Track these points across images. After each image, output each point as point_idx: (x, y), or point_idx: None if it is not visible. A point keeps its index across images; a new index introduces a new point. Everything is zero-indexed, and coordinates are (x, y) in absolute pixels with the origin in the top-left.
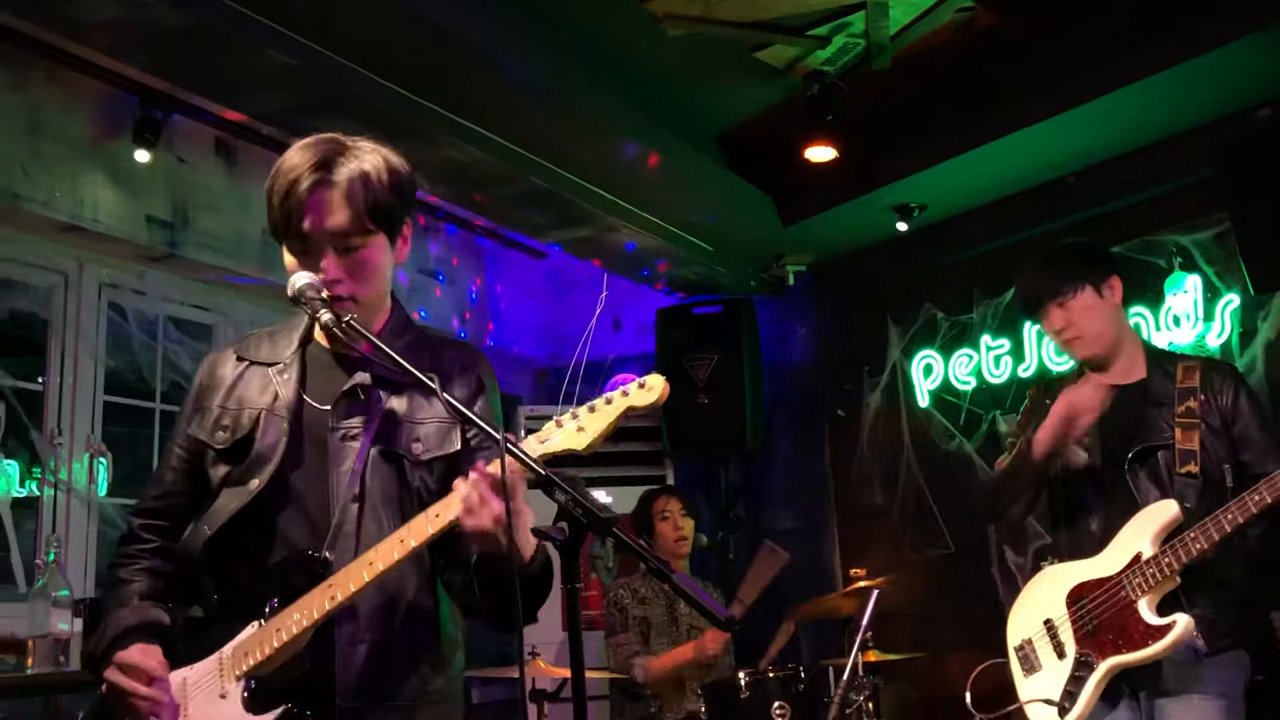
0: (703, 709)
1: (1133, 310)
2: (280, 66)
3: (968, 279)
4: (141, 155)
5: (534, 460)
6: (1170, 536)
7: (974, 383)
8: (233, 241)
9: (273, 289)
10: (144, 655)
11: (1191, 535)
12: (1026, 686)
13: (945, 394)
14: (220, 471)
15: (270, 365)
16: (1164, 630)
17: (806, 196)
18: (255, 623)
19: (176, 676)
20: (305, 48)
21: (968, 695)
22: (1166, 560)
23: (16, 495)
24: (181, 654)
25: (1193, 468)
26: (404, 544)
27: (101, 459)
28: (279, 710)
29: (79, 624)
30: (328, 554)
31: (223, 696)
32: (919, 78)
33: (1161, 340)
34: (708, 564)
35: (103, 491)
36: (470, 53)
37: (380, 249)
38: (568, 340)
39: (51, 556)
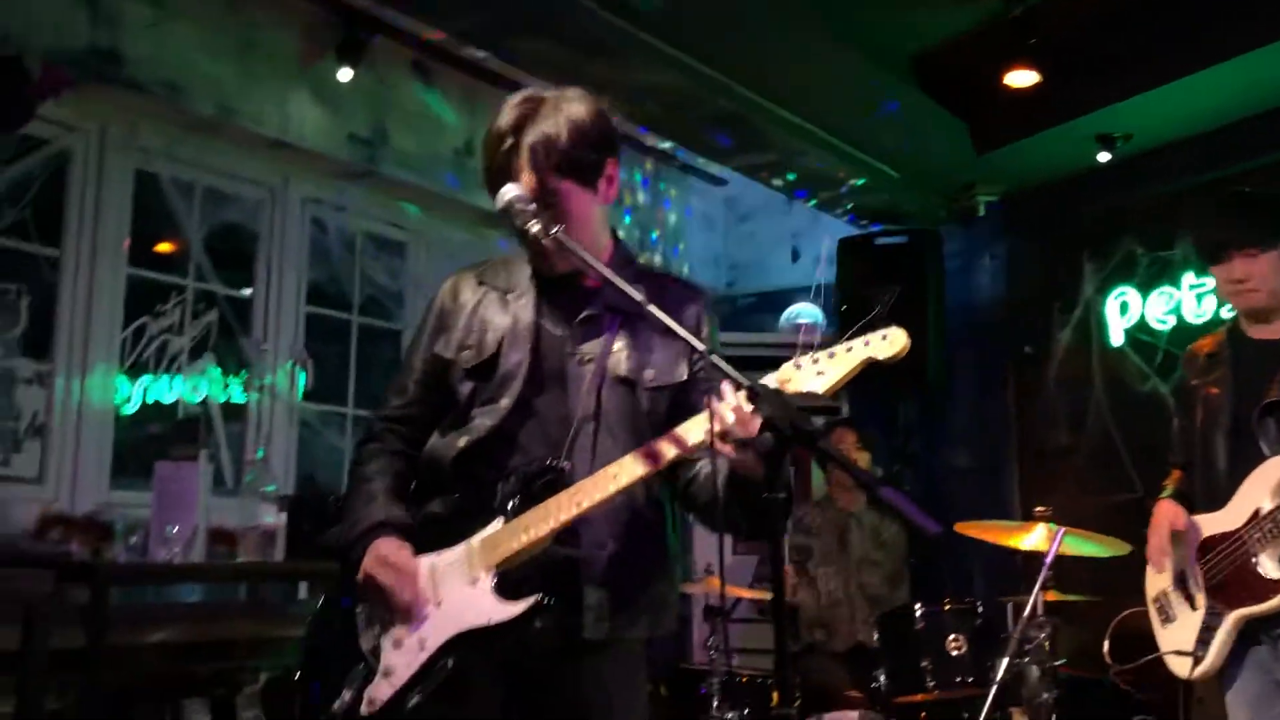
0: (875, 637)
1: None
2: None
3: (1172, 213)
4: (345, 74)
5: (735, 373)
6: None
7: (1173, 322)
8: (428, 160)
9: (464, 207)
10: (400, 549)
11: None
12: (1164, 637)
13: (1140, 333)
14: (467, 388)
15: (508, 291)
16: None
17: (1003, 124)
18: (499, 519)
19: (425, 562)
20: None
21: (1105, 644)
22: None
23: (223, 400)
24: (424, 544)
25: None
26: (651, 460)
27: (304, 368)
28: (531, 600)
29: (284, 518)
30: (566, 464)
31: (473, 583)
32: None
33: None
34: None
35: (300, 397)
36: None
37: (573, 198)
38: (744, 268)
39: (261, 453)
